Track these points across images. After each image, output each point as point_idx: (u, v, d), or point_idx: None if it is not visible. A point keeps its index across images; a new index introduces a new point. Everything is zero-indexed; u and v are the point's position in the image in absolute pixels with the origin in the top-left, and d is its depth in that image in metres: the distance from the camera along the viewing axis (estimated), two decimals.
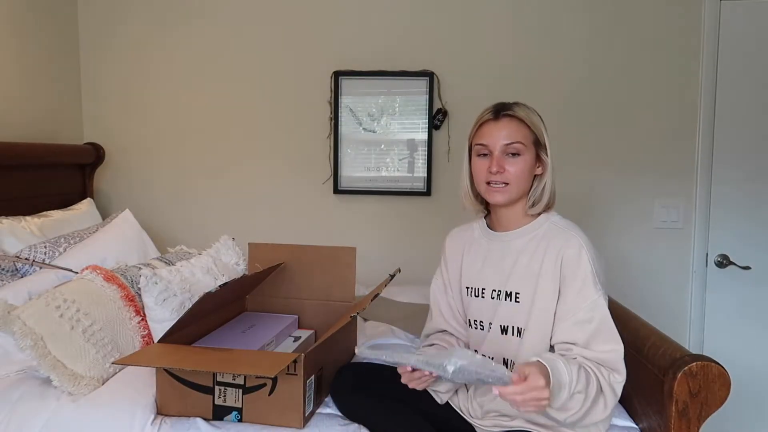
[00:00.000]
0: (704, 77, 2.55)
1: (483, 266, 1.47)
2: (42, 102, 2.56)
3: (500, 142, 1.39)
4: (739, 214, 2.57)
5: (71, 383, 1.44)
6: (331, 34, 2.71)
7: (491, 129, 1.40)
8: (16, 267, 1.93)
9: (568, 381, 1.19)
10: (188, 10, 2.76)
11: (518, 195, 1.42)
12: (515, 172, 1.38)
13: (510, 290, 1.40)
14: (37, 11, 2.51)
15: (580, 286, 1.32)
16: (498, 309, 1.42)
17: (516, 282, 1.40)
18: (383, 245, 2.75)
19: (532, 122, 1.40)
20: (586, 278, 1.32)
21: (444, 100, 2.68)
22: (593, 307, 1.31)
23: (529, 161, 1.40)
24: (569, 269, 1.34)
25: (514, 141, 1.38)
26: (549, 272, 1.36)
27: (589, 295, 1.31)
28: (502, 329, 1.41)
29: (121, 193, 2.86)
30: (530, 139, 1.40)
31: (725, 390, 1.25)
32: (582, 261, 1.33)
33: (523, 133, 1.39)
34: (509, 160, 1.39)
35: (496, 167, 1.38)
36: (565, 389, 1.19)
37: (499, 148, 1.39)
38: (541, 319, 1.36)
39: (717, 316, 2.61)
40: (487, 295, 1.44)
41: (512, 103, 1.43)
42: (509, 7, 2.63)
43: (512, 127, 1.39)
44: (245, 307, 1.91)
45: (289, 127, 2.76)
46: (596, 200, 2.66)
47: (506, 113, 1.40)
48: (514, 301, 1.39)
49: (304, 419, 1.36)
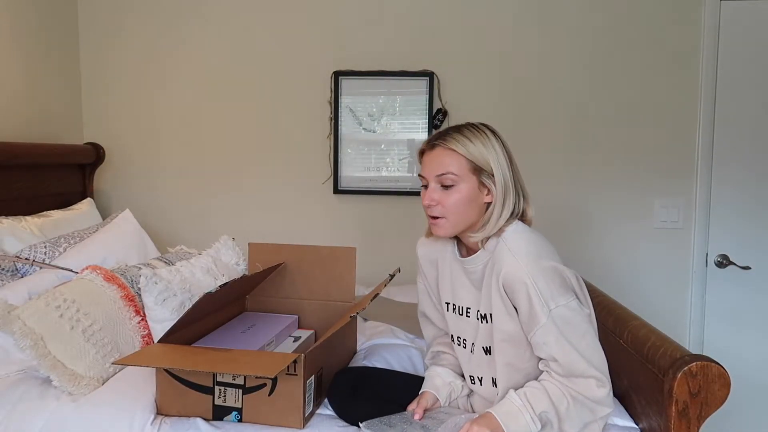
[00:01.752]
0: (704, 77, 2.55)
1: (458, 286, 1.44)
2: (42, 102, 2.56)
3: (432, 173, 1.33)
4: (739, 214, 2.57)
5: (71, 383, 1.44)
6: (331, 34, 2.71)
7: (426, 159, 1.36)
8: (16, 267, 1.93)
9: (519, 406, 1.25)
10: (188, 10, 2.76)
11: (462, 227, 1.34)
12: (450, 205, 1.32)
13: (484, 312, 1.37)
14: (38, 11, 2.51)
15: (527, 310, 1.27)
16: (478, 330, 1.39)
17: (485, 304, 1.37)
18: (383, 245, 2.75)
19: (467, 151, 1.31)
20: (530, 301, 1.26)
21: (444, 100, 2.68)
22: (544, 332, 1.25)
23: (465, 191, 1.31)
24: (514, 295, 1.28)
25: (444, 172, 1.31)
26: (498, 297, 1.32)
27: (538, 320, 1.26)
28: (485, 350, 1.39)
29: (121, 193, 2.86)
30: (466, 168, 1.31)
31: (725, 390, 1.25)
32: (519, 284, 1.26)
33: (458, 162, 1.31)
34: (443, 193, 1.32)
35: (428, 200, 1.34)
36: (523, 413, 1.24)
37: (432, 179, 1.34)
38: (504, 340, 1.33)
39: (717, 316, 2.61)
40: (473, 315, 1.41)
41: (454, 130, 1.35)
42: (509, 7, 2.63)
43: (444, 158, 1.32)
44: (245, 307, 1.91)
45: (289, 127, 2.76)
46: (596, 200, 2.66)
47: (437, 143, 1.33)
48: (489, 321, 1.36)
49: (303, 419, 1.36)
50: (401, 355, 1.75)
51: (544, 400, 1.25)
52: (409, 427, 1.30)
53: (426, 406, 1.42)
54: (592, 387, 1.25)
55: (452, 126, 1.38)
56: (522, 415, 1.24)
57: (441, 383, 1.47)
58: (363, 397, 1.44)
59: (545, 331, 1.25)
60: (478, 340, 1.40)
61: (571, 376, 1.26)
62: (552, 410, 1.24)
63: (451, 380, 1.48)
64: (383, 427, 1.30)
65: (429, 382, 1.48)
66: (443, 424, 1.28)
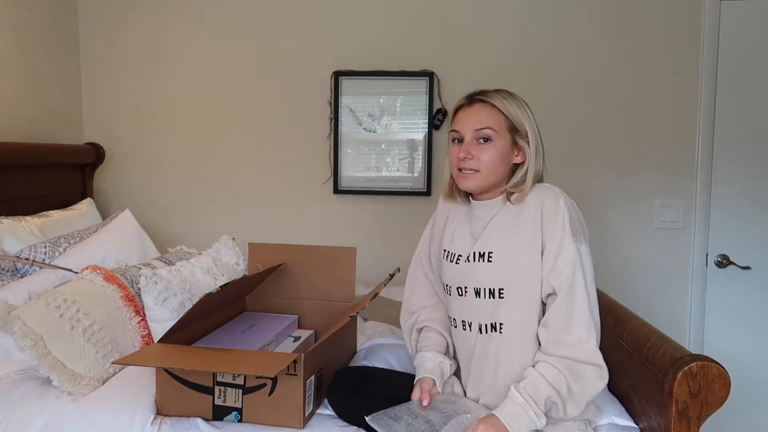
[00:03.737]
0: (704, 77, 2.55)
1: (460, 230, 1.47)
2: (42, 102, 2.56)
3: (471, 127, 1.37)
4: (739, 214, 2.57)
5: (71, 383, 1.44)
6: (331, 34, 2.71)
7: (463, 115, 1.40)
8: (16, 267, 1.93)
9: (522, 401, 1.26)
10: (188, 10, 2.76)
11: (491, 182, 1.39)
12: (485, 159, 1.36)
13: (483, 251, 1.38)
14: (38, 11, 2.51)
15: (560, 234, 1.32)
16: (471, 272, 1.40)
17: (490, 242, 1.38)
18: (383, 245, 2.75)
19: (506, 108, 1.37)
20: (564, 226, 1.31)
21: (444, 100, 2.68)
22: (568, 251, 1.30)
23: (501, 148, 1.37)
24: (549, 219, 1.33)
25: (484, 126, 1.36)
26: (528, 229, 1.34)
27: (567, 241, 1.31)
28: (476, 292, 1.39)
29: (121, 193, 2.86)
30: (504, 126, 1.37)
31: (725, 390, 1.25)
32: (559, 210, 1.32)
33: (496, 119, 1.37)
34: (479, 147, 1.37)
35: (464, 153, 1.37)
36: (527, 409, 1.25)
37: (469, 134, 1.37)
38: (521, 276, 1.34)
39: (717, 316, 2.61)
40: (462, 260, 1.43)
41: (491, 90, 1.41)
42: (509, 8, 2.63)
43: (484, 113, 1.37)
44: (245, 307, 1.91)
45: (289, 127, 2.76)
46: (596, 200, 2.66)
47: (479, 98, 1.39)
48: (487, 260, 1.37)
49: (304, 419, 1.36)
50: (401, 354, 1.75)
51: (543, 389, 1.26)
52: (414, 420, 1.30)
53: (428, 389, 1.42)
54: (584, 339, 1.28)
55: (484, 89, 1.42)
56: (525, 412, 1.25)
57: (432, 366, 1.48)
58: (363, 397, 1.44)
59: (567, 256, 1.30)
60: (470, 283, 1.40)
61: (569, 325, 1.28)
62: (554, 393, 1.26)
63: (440, 360, 1.50)
64: (388, 420, 1.30)
65: (421, 368, 1.49)
66: (448, 424, 1.27)
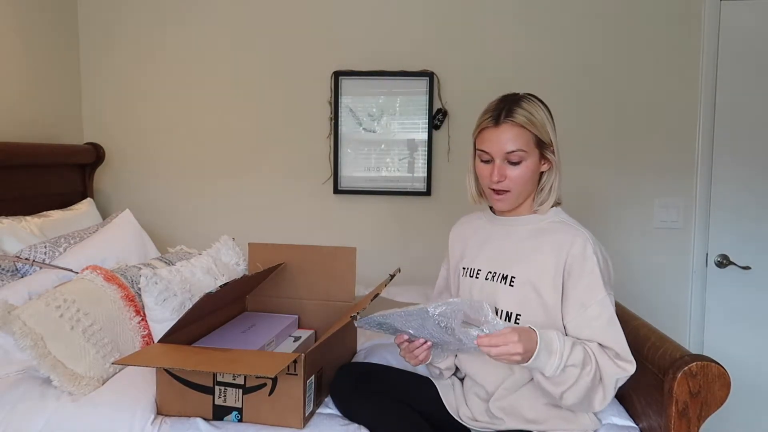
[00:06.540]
0: (704, 77, 2.55)
1: (482, 248, 1.46)
2: (42, 102, 2.56)
3: (501, 150, 1.36)
4: (739, 214, 2.57)
5: (71, 383, 1.44)
6: (331, 34, 2.71)
7: (491, 136, 1.37)
8: (16, 267, 1.93)
9: (559, 349, 1.23)
10: (188, 10, 2.76)
11: (522, 198, 1.42)
12: (516, 179, 1.38)
13: (506, 273, 1.39)
14: (38, 11, 2.51)
15: (588, 282, 1.31)
16: (490, 291, 1.40)
17: (513, 266, 1.39)
18: (383, 245, 2.75)
19: (533, 125, 1.36)
20: (593, 274, 1.31)
21: (444, 100, 2.68)
22: (603, 304, 1.30)
23: (532, 165, 1.38)
24: (576, 265, 1.32)
25: (515, 149, 1.36)
26: (551, 265, 1.34)
27: (598, 292, 1.30)
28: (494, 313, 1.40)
29: (121, 193, 2.86)
30: (533, 143, 1.37)
31: (725, 390, 1.25)
32: (588, 257, 1.32)
33: (525, 139, 1.36)
34: (511, 168, 1.38)
35: (497, 176, 1.37)
36: (555, 356, 1.22)
37: (500, 156, 1.37)
38: (533, 307, 1.35)
39: (717, 316, 2.61)
40: (482, 276, 1.43)
41: (515, 104, 1.38)
42: (509, 7, 2.63)
43: (513, 134, 1.36)
44: (245, 307, 1.91)
45: (289, 127, 2.76)
46: (596, 200, 2.66)
47: (507, 120, 1.36)
48: (509, 284, 1.38)
49: (304, 419, 1.36)
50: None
51: (578, 357, 1.25)
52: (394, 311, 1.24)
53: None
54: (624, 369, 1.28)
55: (507, 98, 1.41)
56: (554, 357, 1.23)
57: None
58: (365, 393, 1.44)
59: (601, 308, 1.29)
60: (487, 301, 1.37)
61: (618, 358, 1.29)
62: (577, 372, 1.24)
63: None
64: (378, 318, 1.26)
65: None
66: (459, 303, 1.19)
